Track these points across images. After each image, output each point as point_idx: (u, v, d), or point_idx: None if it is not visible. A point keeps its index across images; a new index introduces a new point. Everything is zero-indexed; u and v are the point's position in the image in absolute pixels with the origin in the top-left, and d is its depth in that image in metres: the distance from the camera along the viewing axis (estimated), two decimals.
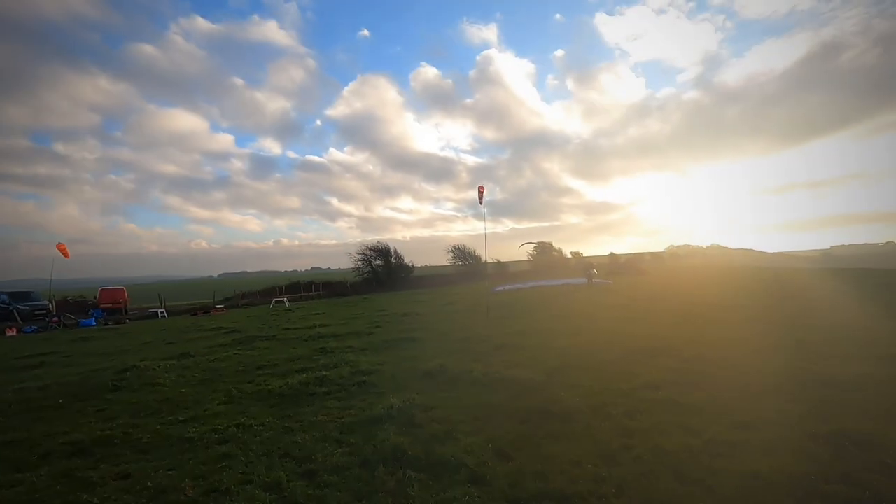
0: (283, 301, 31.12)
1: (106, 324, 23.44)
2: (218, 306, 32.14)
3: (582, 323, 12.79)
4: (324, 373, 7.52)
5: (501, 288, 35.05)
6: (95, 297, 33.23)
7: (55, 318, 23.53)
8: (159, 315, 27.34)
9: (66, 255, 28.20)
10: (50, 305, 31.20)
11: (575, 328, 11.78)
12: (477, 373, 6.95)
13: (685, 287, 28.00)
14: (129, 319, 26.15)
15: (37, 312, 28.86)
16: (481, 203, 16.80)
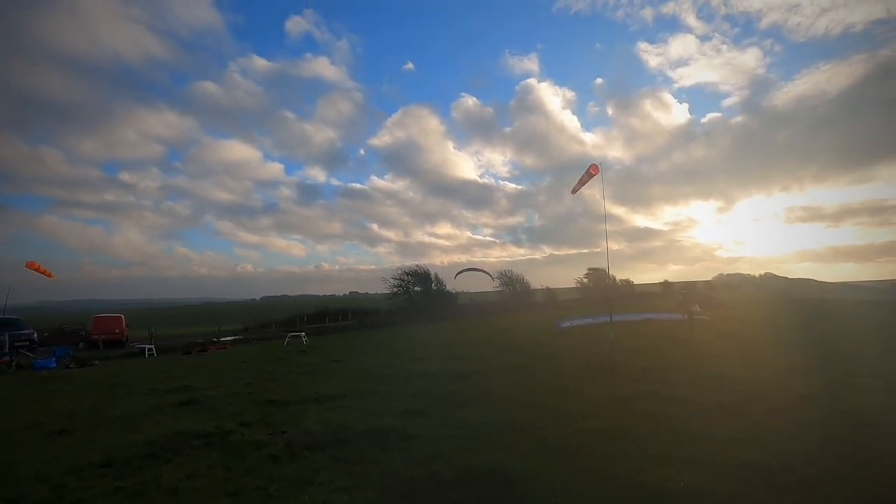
0: (300, 335, 25.25)
1: (67, 366, 18.11)
2: (224, 339, 26.66)
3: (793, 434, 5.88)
4: None
5: (569, 323, 27.87)
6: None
7: (5, 358, 18.38)
8: (146, 353, 21.95)
9: (47, 274, 23.32)
10: (35, 335, 26.57)
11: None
12: None
13: (803, 330, 19.75)
14: (101, 359, 20.69)
15: (17, 344, 24.20)
16: (579, 187, 10.40)
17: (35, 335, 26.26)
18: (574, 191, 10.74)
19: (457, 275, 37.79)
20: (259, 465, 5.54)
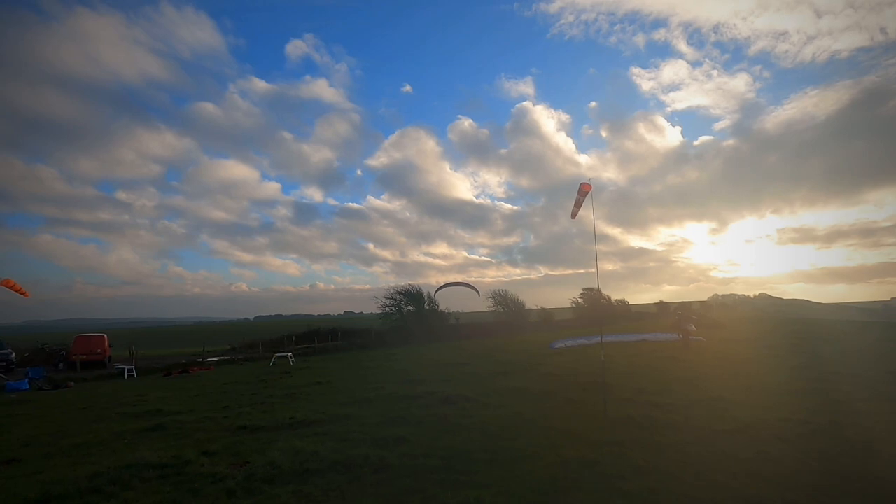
0: (286, 356, 24.53)
1: (41, 388, 17.35)
2: (209, 360, 25.87)
3: None
4: None
5: (562, 343, 27.40)
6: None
7: None
8: (126, 374, 21.17)
9: (22, 293, 22.56)
10: (12, 355, 25.74)
11: None
12: None
13: (800, 351, 19.11)
14: (78, 381, 19.89)
15: None
16: (577, 210, 10.16)
17: (13, 355, 25.44)
18: (573, 215, 10.52)
19: (437, 290, 36.93)
20: (212, 502, 4.99)
